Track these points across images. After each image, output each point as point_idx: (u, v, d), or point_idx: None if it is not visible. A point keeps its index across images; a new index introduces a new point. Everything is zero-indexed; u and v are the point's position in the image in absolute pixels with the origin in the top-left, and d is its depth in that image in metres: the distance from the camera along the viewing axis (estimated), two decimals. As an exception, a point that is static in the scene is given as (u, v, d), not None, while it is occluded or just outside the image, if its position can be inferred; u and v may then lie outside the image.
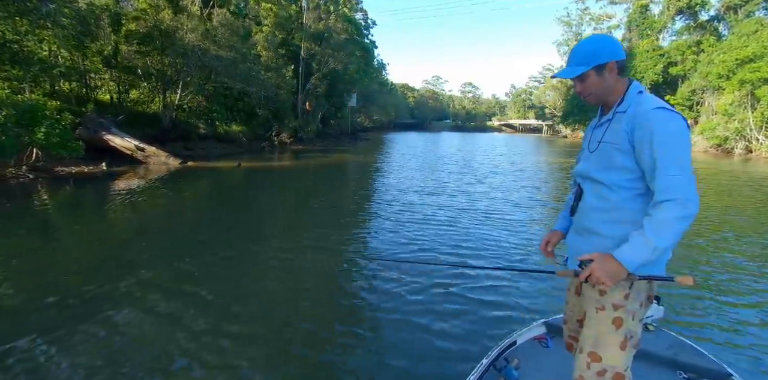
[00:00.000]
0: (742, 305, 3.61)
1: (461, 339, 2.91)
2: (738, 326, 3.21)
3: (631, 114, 1.27)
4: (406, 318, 3.21)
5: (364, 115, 52.25)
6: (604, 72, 1.33)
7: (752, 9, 29.69)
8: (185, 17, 15.12)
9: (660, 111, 1.22)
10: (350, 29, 29.44)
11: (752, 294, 3.86)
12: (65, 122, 10.62)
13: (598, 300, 1.35)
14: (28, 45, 11.61)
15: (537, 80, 76.48)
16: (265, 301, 3.58)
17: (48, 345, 2.74)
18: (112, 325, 3.05)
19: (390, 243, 5.32)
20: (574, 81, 1.39)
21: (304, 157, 18.37)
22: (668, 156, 1.18)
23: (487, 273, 4.16)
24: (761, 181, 12.76)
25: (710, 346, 2.66)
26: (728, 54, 25.39)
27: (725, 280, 4.20)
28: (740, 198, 9.68)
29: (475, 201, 8.36)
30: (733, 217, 7.41)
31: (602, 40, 1.35)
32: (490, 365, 1.88)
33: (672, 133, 1.19)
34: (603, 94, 1.37)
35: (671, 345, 2.05)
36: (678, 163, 1.17)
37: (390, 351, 2.77)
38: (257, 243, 5.35)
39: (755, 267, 4.61)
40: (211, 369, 2.55)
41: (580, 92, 1.40)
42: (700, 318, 3.34)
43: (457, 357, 2.66)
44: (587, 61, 1.33)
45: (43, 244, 5.20)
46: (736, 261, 4.82)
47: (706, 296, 3.76)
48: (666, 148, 1.18)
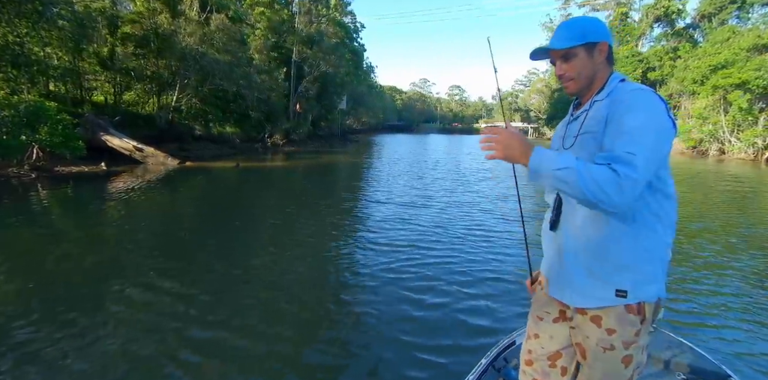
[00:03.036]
0: (740, 306, 3.62)
1: (460, 339, 2.90)
2: (737, 327, 3.22)
3: (611, 99, 1.13)
4: (406, 318, 3.20)
5: (353, 117, 52.69)
6: (594, 52, 1.18)
7: (725, 17, 31.14)
8: (183, 21, 15.40)
9: (643, 91, 1.08)
10: (340, 33, 29.93)
11: (751, 294, 3.87)
12: (67, 122, 10.87)
13: (604, 340, 1.19)
14: (30, 47, 11.80)
15: (523, 84, 78.22)
16: (262, 302, 3.56)
17: (34, 341, 2.75)
18: (102, 322, 3.07)
19: (390, 231, 5.79)
20: (557, 62, 1.24)
21: (298, 158, 18.73)
22: (637, 137, 1.00)
23: (484, 273, 4.17)
24: (738, 179, 13.64)
25: (709, 347, 2.62)
26: (702, 60, 26.59)
27: (724, 281, 4.22)
28: (726, 195, 10.41)
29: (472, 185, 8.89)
30: (732, 218, 7.50)
31: (595, 20, 1.22)
32: (489, 365, 1.85)
33: (650, 115, 1.03)
34: (586, 80, 1.21)
35: (670, 346, 2.02)
36: (644, 149, 0.99)
37: (388, 351, 2.75)
38: (260, 242, 5.50)
39: (755, 268, 4.64)
40: (201, 364, 2.58)
41: (562, 75, 1.23)
42: (699, 319, 3.35)
43: (455, 357, 2.65)
44: (579, 36, 1.17)
45: (41, 240, 5.26)
46: (735, 262, 4.83)
47: (705, 297, 3.78)
48: (638, 130, 1.01)
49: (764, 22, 28.01)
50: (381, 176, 12.90)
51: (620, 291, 1.15)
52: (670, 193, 1.15)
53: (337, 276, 4.29)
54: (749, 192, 11.06)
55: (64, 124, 10.72)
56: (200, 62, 15.64)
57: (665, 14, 34.14)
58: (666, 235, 1.17)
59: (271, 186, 11.27)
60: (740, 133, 24.01)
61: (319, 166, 16.68)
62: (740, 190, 11.21)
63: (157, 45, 15.44)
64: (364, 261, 4.63)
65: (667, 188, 1.14)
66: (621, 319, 1.17)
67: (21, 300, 3.42)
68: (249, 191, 10.16)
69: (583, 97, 1.26)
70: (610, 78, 1.20)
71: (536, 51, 1.28)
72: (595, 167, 0.98)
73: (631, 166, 0.96)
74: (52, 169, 10.77)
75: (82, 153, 10.97)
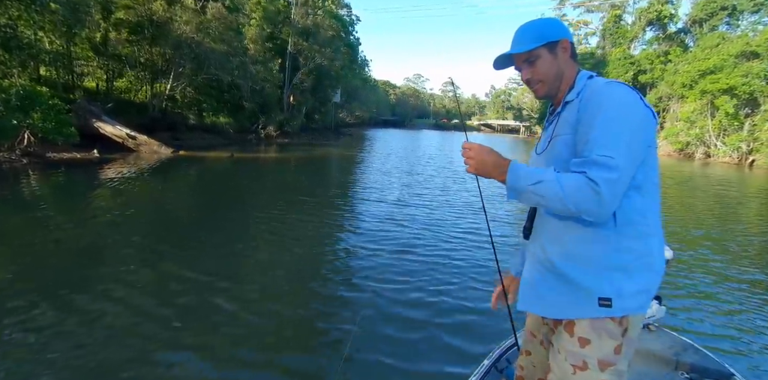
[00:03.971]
0: (743, 304, 3.63)
1: (462, 340, 2.88)
2: (739, 325, 3.22)
3: (580, 98, 1.06)
4: (406, 318, 3.19)
5: (347, 110, 52.53)
6: (557, 50, 1.14)
7: (716, 23, 31.68)
8: (179, 9, 15.22)
9: (610, 85, 1.03)
10: (336, 25, 29.76)
11: (753, 293, 3.87)
12: (60, 108, 10.75)
13: (576, 354, 1.03)
14: (21, 30, 11.59)
15: (516, 82, 78.59)
16: (253, 291, 3.60)
17: (18, 326, 2.76)
18: (88, 308, 3.06)
19: (380, 224, 5.94)
20: (522, 67, 1.18)
21: (291, 151, 18.73)
22: (611, 136, 0.94)
23: (483, 271, 4.18)
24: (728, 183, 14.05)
25: (712, 346, 2.62)
26: (692, 65, 27.14)
27: (726, 280, 4.24)
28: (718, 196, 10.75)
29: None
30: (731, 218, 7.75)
31: (549, 20, 1.19)
32: (491, 366, 1.84)
33: (620, 110, 0.97)
34: (555, 80, 1.16)
35: (672, 345, 2.02)
36: (619, 147, 0.93)
37: (390, 351, 2.72)
38: (251, 230, 5.52)
39: (758, 268, 4.73)
40: (188, 353, 2.60)
41: (529, 79, 1.18)
42: (702, 317, 3.35)
43: (458, 357, 2.64)
44: (538, 37, 1.13)
45: (31, 225, 5.23)
46: (737, 263, 4.87)
47: (707, 296, 3.78)
48: (610, 129, 0.95)
49: (753, 29, 28.62)
50: (373, 171, 13.03)
51: (603, 299, 1.01)
52: (651, 189, 1.04)
53: (332, 260, 4.35)
54: (740, 196, 11.38)
55: (58, 109, 10.60)
56: (195, 51, 15.50)
57: (658, 18, 34.61)
58: (652, 235, 1.04)
59: (264, 177, 11.29)
60: (726, 137, 24.65)
61: (312, 158, 16.73)
62: (734, 195, 11.49)
63: (152, 32, 15.25)
64: (361, 270, 4.48)
65: (649, 183, 1.04)
66: (597, 326, 1.01)
67: (7, 285, 3.40)
68: (243, 181, 10.17)
69: (554, 99, 1.21)
70: (578, 76, 1.14)
71: (499, 59, 1.22)
72: (572, 177, 0.93)
73: (608, 168, 0.91)
74: (43, 155, 10.66)
75: (75, 139, 10.88)
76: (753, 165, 22.00)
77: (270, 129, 23.12)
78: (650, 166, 1.03)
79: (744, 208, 9.54)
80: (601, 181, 0.90)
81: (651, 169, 1.04)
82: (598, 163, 0.92)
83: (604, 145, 0.93)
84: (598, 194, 0.90)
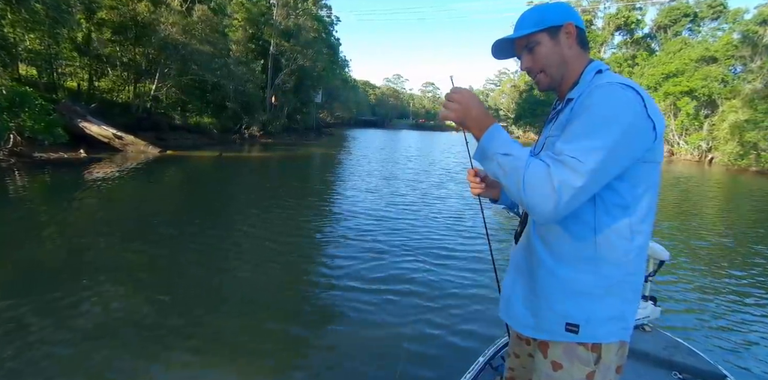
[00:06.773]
0: (738, 306, 3.68)
1: (457, 338, 2.90)
2: (733, 327, 3.26)
3: (582, 96, 0.94)
4: (402, 317, 3.20)
5: (327, 110, 52.72)
6: (559, 36, 1.02)
7: (679, 29, 33.55)
8: (165, 10, 15.34)
9: (611, 86, 0.89)
10: (317, 27, 30.08)
11: (748, 294, 3.92)
12: (46, 108, 10.81)
13: (550, 377, 1.01)
14: (1, 29, 11.54)
15: (493, 83, 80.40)
16: (240, 287, 3.67)
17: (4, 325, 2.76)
18: (72, 308, 3.09)
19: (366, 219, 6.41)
20: (521, 55, 1.08)
21: (275, 150, 19.03)
22: (589, 139, 0.85)
23: (478, 270, 4.21)
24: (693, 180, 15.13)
25: (706, 347, 2.65)
26: (656, 68, 28.69)
27: (721, 281, 4.29)
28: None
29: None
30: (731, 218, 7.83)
31: (557, 3, 1.06)
32: (486, 363, 1.85)
33: (611, 115, 0.85)
34: (558, 70, 1.04)
35: (667, 346, 2.03)
36: (594, 154, 0.83)
37: (385, 350, 2.72)
38: (240, 228, 5.60)
39: (751, 269, 4.78)
40: (174, 354, 2.63)
41: (530, 68, 1.08)
42: (696, 318, 3.39)
43: (452, 355, 2.66)
44: (538, 21, 1.03)
45: (17, 225, 5.26)
46: (735, 263, 4.96)
47: (702, 297, 3.84)
48: (591, 134, 0.85)
49: (713, 35, 30.47)
50: (356, 170, 13.47)
51: (571, 325, 0.96)
52: (642, 211, 0.94)
53: (323, 266, 4.44)
54: (720, 194, 11.80)
55: (46, 109, 10.68)
56: (181, 52, 15.65)
57: (625, 23, 36.32)
58: (636, 261, 0.96)
59: (253, 176, 11.61)
60: (687, 136, 26.24)
61: (296, 157, 17.11)
62: (721, 196, 11.65)
63: (135, 32, 15.29)
64: (347, 250, 4.76)
65: (641, 204, 0.94)
66: (569, 352, 0.98)
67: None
68: (233, 180, 10.45)
69: (559, 92, 1.09)
70: (586, 69, 1.02)
71: (497, 46, 1.12)
72: (541, 168, 0.85)
73: (574, 172, 0.83)
74: (30, 154, 10.71)
75: (64, 139, 10.97)
76: (712, 162, 23.52)
77: (253, 129, 23.31)
78: (644, 184, 0.93)
79: (727, 207, 9.79)
80: (562, 184, 0.83)
81: (645, 188, 0.94)
82: (568, 164, 0.84)
83: (577, 149, 0.84)
84: (556, 194, 0.83)
